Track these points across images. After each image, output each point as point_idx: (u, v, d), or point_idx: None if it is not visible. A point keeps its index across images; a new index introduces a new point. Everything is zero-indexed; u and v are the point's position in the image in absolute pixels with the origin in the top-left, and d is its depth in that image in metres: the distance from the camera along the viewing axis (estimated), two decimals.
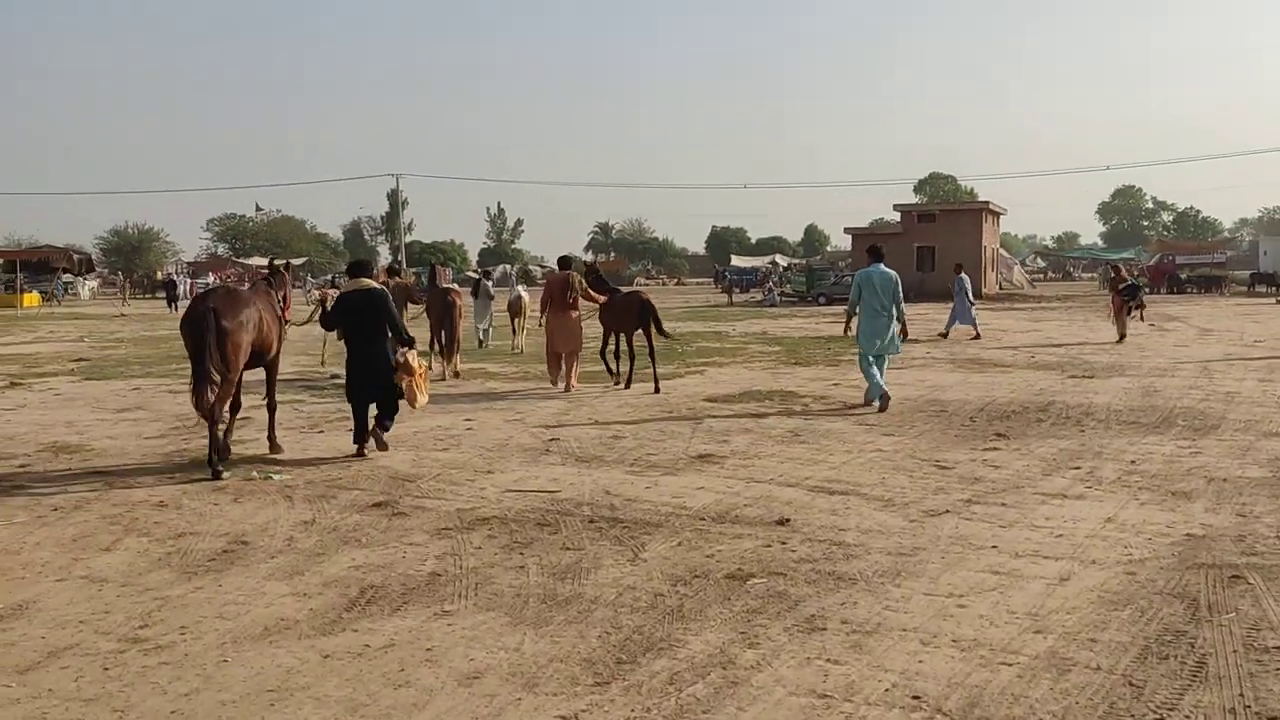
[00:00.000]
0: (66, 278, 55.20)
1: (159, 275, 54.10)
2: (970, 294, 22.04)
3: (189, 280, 53.80)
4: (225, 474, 7.28)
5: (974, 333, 21.46)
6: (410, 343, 8.43)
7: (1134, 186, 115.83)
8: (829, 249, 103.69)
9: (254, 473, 7.39)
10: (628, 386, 12.67)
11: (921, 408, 10.82)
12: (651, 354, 12.74)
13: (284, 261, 10.64)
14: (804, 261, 64.73)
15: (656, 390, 12.18)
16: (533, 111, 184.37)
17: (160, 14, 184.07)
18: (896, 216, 50.86)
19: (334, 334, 9.34)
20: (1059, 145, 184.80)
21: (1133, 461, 7.67)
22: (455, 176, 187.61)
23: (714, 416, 10.35)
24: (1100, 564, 5.04)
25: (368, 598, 4.63)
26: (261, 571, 5.04)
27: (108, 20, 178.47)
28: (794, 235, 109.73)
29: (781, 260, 76.80)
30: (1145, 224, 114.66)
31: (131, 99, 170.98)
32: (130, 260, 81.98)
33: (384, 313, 8.24)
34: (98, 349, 20.45)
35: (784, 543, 5.50)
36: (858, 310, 11.28)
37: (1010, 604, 4.46)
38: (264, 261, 70.02)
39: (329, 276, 58.00)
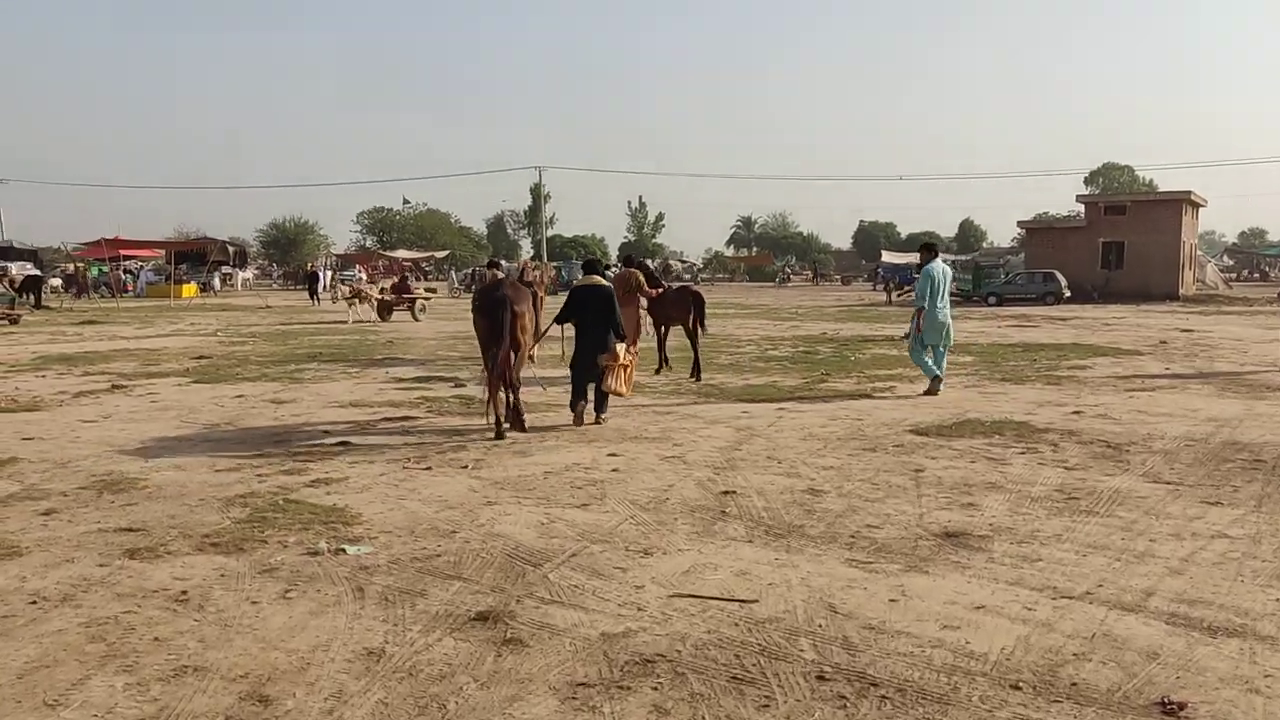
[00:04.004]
0: (225, 269, 56.44)
1: (309, 267, 54.63)
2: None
3: (333, 273, 54.06)
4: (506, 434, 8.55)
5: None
6: (622, 337, 9.61)
7: None
8: (985, 244, 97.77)
9: (322, 542, 5.32)
10: (662, 371, 13.42)
11: (1223, 454, 7.90)
12: (695, 343, 13.23)
13: (535, 261, 11.66)
14: (970, 258, 60.13)
15: (697, 378, 12.66)
16: (677, 103, 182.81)
17: (318, 15, 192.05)
18: (1063, 211, 46.14)
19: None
20: (1246, 133, 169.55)
21: None
22: (597, 169, 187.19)
23: (933, 459, 7.77)
24: None
25: None
26: None
27: (273, 23, 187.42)
28: (946, 230, 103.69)
29: None
30: None
31: (291, 95, 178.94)
32: (286, 252, 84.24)
33: (609, 307, 9.38)
34: (227, 344, 19.41)
35: None
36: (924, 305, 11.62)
37: None
38: (409, 254, 71.08)
39: (470, 270, 57.55)
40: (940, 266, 11.78)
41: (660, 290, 13.99)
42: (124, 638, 3.98)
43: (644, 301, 13.78)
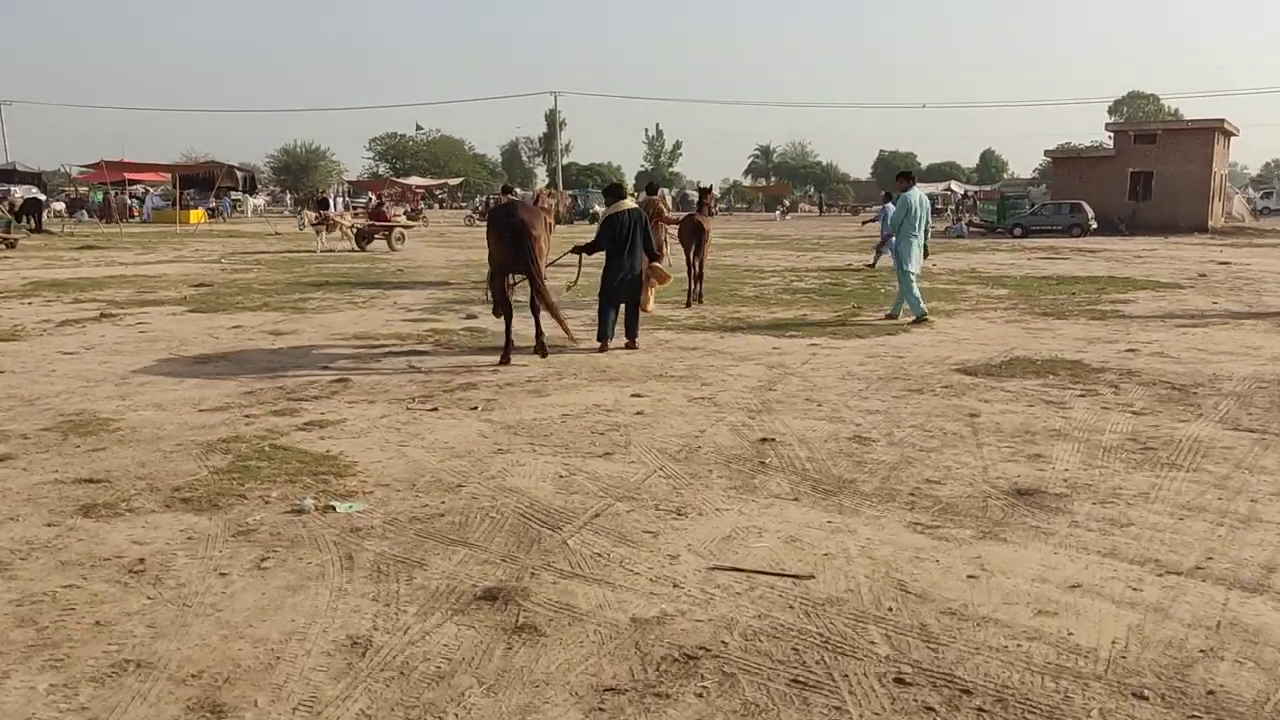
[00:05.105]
0: (234, 195, 55.21)
1: (320, 194, 53.38)
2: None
3: (344, 200, 52.93)
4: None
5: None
6: (657, 257, 9.85)
7: None
8: (1006, 175, 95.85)
9: (309, 498, 4.67)
10: (691, 303, 12.93)
11: None
12: (699, 272, 13.15)
13: (549, 189, 10.39)
14: (994, 188, 58.63)
15: (699, 301, 12.95)
16: (695, 29, 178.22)
17: None
18: (1086, 141, 44.48)
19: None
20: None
21: None
22: (614, 95, 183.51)
23: (986, 401, 7.06)
24: None
25: None
26: None
27: None
28: (966, 161, 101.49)
29: (957, 187, 70.53)
30: None
31: (300, 16, 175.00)
32: (298, 179, 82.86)
33: (642, 230, 9.31)
34: (229, 271, 18.70)
35: None
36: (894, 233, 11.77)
37: None
38: (422, 180, 69.67)
39: (485, 197, 56.28)
40: (918, 195, 11.61)
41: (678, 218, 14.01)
42: (59, 621, 3.34)
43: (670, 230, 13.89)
